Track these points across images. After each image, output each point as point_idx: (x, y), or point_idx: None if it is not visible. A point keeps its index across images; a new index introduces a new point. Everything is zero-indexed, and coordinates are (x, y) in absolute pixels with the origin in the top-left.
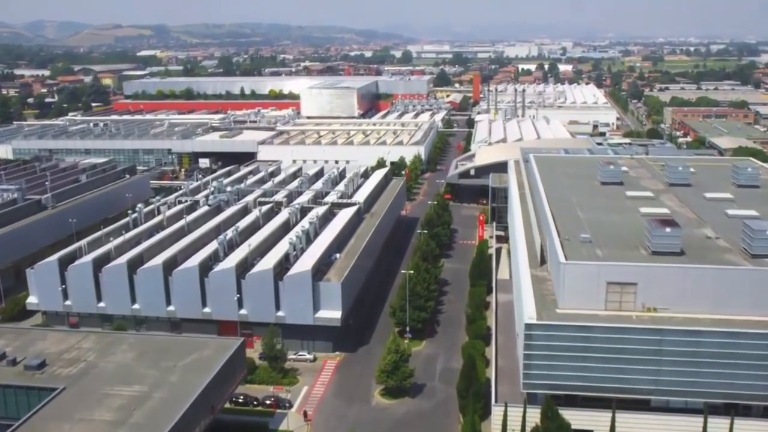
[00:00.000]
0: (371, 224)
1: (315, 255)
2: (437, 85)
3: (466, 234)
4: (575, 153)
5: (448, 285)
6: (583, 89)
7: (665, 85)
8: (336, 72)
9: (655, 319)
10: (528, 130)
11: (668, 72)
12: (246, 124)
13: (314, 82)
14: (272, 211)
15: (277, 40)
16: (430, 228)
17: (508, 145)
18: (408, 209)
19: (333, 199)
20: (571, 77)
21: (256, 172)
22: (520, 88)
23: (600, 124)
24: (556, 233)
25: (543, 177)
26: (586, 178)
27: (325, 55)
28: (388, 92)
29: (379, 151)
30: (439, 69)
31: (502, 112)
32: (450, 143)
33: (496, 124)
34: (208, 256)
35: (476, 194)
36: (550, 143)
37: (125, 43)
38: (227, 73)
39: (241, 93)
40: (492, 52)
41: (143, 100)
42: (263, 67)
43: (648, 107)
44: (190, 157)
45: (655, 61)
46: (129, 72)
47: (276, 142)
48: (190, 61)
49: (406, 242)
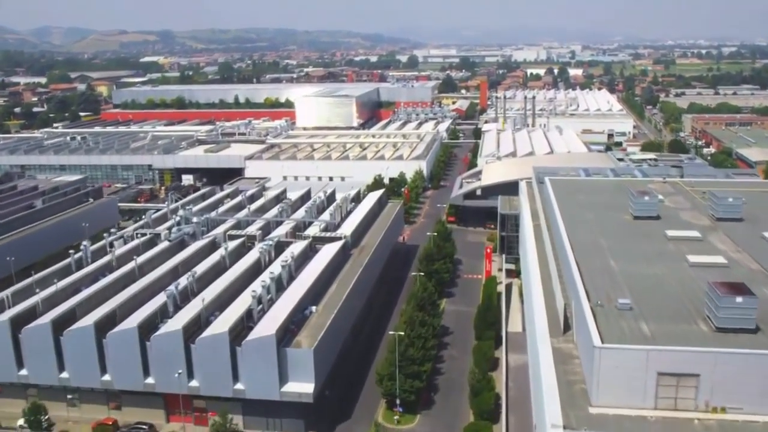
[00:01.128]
0: (359, 263)
1: (284, 310)
2: (443, 91)
3: (472, 266)
4: (596, 173)
5: (449, 334)
6: (596, 95)
7: (681, 90)
8: (337, 78)
9: (724, 426)
10: (540, 142)
11: (682, 76)
12: (235, 137)
13: (313, 90)
14: (244, 247)
15: (283, 45)
16: (429, 263)
17: (518, 161)
18: (407, 235)
19: (315, 232)
20: (582, 82)
21: (234, 195)
22: (530, 94)
23: (616, 133)
24: (585, 296)
25: (562, 209)
26: (613, 209)
27: (330, 60)
28: (390, 100)
29: (377, 166)
30: (445, 74)
31: (510, 121)
32: (455, 156)
33: (504, 135)
34: (154, 313)
35: (483, 217)
36: (565, 160)
37: (130, 48)
38: (225, 80)
39: (236, 102)
40: (500, 56)
41: (133, 110)
42: (265, 72)
43: (665, 114)
44: (172, 174)
45: (667, 65)
46: (128, 79)
47: (265, 156)
48: (192, 67)
49: (402, 279)
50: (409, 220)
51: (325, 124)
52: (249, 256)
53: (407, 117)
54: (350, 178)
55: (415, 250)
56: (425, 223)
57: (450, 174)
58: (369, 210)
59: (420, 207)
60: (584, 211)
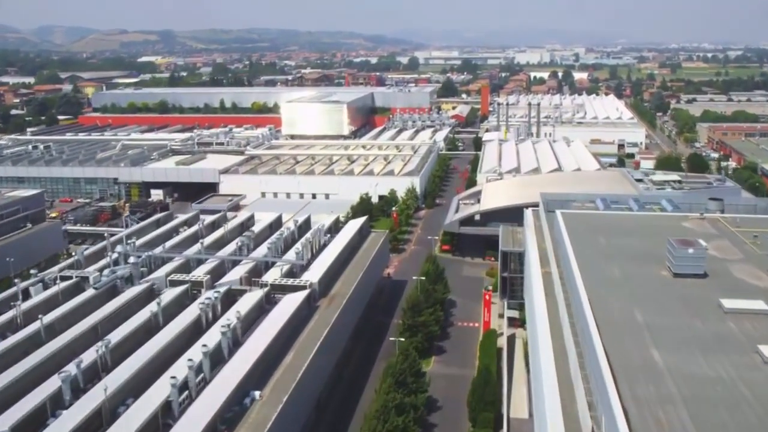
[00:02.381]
0: (326, 320)
1: (216, 400)
2: (442, 95)
3: (468, 310)
4: (615, 203)
5: (437, 410)
6: (604, 101)
7: (692, 96)
8: (332, 81)
9: None
10: (545, 156)
11: (691, 81)
12: (212, 147)
13: (303, 94)
14: (187, 297)
15: (285, 45)
16: (415, 314)
17: (522, 181)
18: (395, 266)
19: (276, 278)
20: (587, 86)
21: (192, 222)
22: (534, 100)
23: (627, 143)
24: (622, 415)
25: (580, 259)
26: (645, 260)
27: (330, 61)
28: (386, 106)
29: (365, 182)
30: (446, 77)
31: (514, 130)
32: (454, 169)
33: (507, 147)
34: (42, 404)
35: (482, 246)
36: (575, 180)
37: (130, 48)
38: (215, 83)
39: (221, 106)
40: (502, 58)
41: (113, 114)
42: (261, 74)
43: (678, 122)
44: (140, 188)
45: (673, 68)
46: (120, 80)
47: (242, 170)
48: (187, 68)
49: (385, 326)
50: (398, 247)
51: (313, 133)
52: (187, 313)
53: (403, 124)
54: (335, 195)
55: (402, 288)
56: (416, 253)
57: (447, 189)
58: (346, 244)
59: (411, 231)
60: (608, 264)
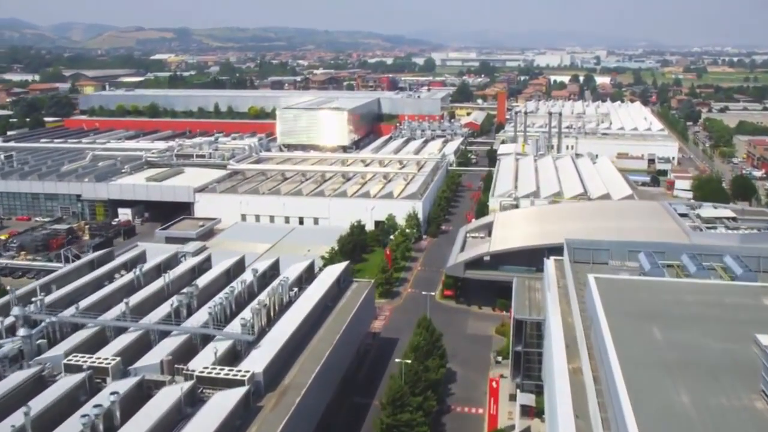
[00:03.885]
0: (272, 425)
1: None
2: (456, 100)
3: (470, 387)
4: (663, 254)
5: None
6: (630, 109)
7: (723, 104)
8: (340, 84)
9: None
10: (568, 176)
11: (720, 87)
12: (192, 160)
13: (305, 98)
14: (84, 390)
15: (302, 44)
16: (396, 408)
17: (542, 213)
18: (386, 317)
19: (205, 365)
20: (611, 92)
21: (132, 264)
22: (555, 108)
23: (658, 158)
24: None
25: (629, 377)
26: (725, 375)
27: (344, 61)
28: (393, 112)
29: (360, 206)
30: (461, 80)
31: (532, 141)
32: (464, 188)
33: (525, 163)
34: None
35: (492, 293)
36: (605, 213)
37: (146, 46)
38: (216, 84)
39: (215, 110)
40: (521, 60)
41: (100, 117)
42: (271, 74)
43: (712, 134)
44: (105, 207)
45: (699, 73)
46: (125, 78)
47: (220, 188)
48: (198, 66)
49: (365, 408)
50: (391, 291)
51: (310, 142)
52: (69, 424)
53: (411, 133)
54: (325, 219)
55: (392, 348)
56: (413, 299)
57: (455, 212)
58: (317, 304)
59: (409, 268)
60: (671, 381)
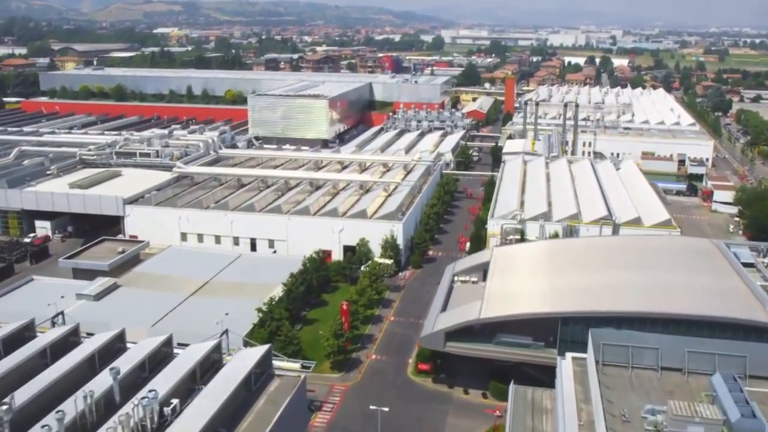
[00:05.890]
0: None
1: None
2: (462, 83)
3: None
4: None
5: None
6: (653, 98)
7: (754, 92)
8: (337, 64)
9: None
10: (587, 191)
11: (747, 72)
12: (135, 159)
13: (288, 80)
14: None
15: (311, 20)
16: None
17: (553, 254)
18: (337, 401)
19: None
20: (630, 76)
21: None
22: (570, 96)
23: (689, 160)
24: None
25: None
26: None
27: (351, 38)
28: (387, 99)
29: (325, 226)
30: (469, 61)
31: (544, 138)
32: (461, 193)
33: (534, 169)
34: None
35: (484, 372)
36: (642, 264)
37: (153, 18)
38: (200, 63)
39: (188, 94)
40: (534, 39)
41: (63, 99)
42: (272, 50)
43: (749, 128)
44: (19, 219)
45: (721, 56)
46: (117, 53)
47: (157, 199)
48: (198, 41)
49: None
50: (347, 360)
51: (286, 135)
52: None
53: (406, 124)
54: (282, 242)
55: None
56: (375, 372)
57: (448, 228)
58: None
59: (379, 320)
60: None
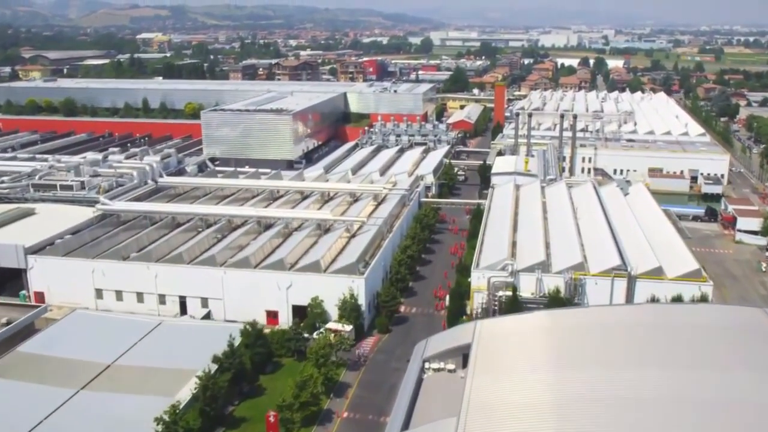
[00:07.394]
0: None
1: None
2: (448, 89)
3: None
4: None
5: None
6: (656, 104)
7: (761, 94)
8: (316, 70)
9: None
10: (593, 228)
11: (748, 72)
12: (55, 193)
13: (254, 90)
14: None
15: (300, 23)
16: None
17: (555, 335)
18: None
19: None
20: (626, 78)
21: None
22: (565, 103)
23: (703, 177)
24: None
25: None
26: None
27: (338, 41)
28: (363, 111)
29: (269, 282)
30: (457, 65)
31: (539, 153)
32: (442, 226)
33: (528, 198)
34: None
35: None
36: (674, 347)
37: (140, 23)
38: (169, 71)
39: (144, 107)
40: (525, 40)
41: (7, 115)
42: (253, 56)
43: (761, 137)
44: None
45: (717, 55)
46: (93, 61)
47: (66, 248)
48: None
49: None
50: None
51: (245, 156)
52: None
53: (383, 139)
54: (217, 300)
55: None
56: None
57: (425, 272)
58: None
59: (328, 418)
60: None
